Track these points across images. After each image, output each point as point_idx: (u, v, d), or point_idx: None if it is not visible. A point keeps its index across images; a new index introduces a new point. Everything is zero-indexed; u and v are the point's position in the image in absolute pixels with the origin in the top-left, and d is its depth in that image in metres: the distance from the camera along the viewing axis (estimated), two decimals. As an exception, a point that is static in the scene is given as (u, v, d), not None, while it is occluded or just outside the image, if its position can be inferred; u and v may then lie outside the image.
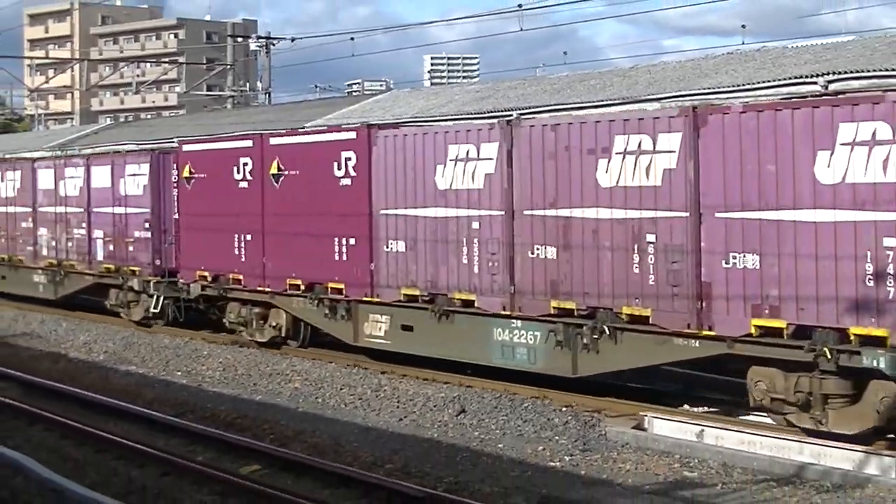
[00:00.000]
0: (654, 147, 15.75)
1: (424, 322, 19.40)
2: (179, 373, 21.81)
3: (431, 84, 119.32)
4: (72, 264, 29.79)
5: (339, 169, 20.78)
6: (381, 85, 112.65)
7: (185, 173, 25.08)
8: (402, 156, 19.63)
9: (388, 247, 19.92)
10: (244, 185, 23.20)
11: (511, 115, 19.52)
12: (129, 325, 27.61)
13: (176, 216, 25.88)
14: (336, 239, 20.86)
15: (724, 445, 14.53)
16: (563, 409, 16.84)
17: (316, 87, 61.47)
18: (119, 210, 27.71)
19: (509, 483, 13.12)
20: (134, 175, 27.14)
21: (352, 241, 20.59)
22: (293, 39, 46.49)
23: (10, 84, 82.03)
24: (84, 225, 29.16)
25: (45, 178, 31.14)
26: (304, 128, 24.69)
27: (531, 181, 17.46)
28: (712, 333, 15.15)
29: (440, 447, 15.17)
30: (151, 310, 26.45)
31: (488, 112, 22.09)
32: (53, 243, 30.62)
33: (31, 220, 31.76)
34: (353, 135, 20.82)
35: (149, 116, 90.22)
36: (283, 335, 23.09)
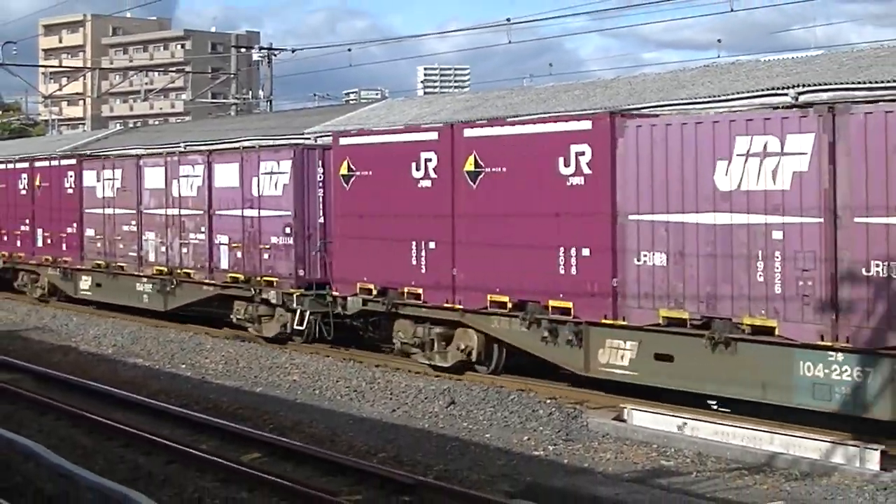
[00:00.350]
0: None
1: (691, 351, 15.40)
2: (184, 365, 21.73)
3: (424, 93, 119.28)
4: (187, 273, 25.41)
5: (567, 166, 16.84)
6: (376, 94, 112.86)
7: (343, 170, 20.93)
8: (663, 149, 15.66)
9: (639, 259, 15.92)
10: (426, 183, 19.22)
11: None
12: (136, 320, 27.27)
13: (321, 220, 22.17)
14: (561, 249, 16.87)
15: (699, 436, 14.41)
16: (548, 401, 16.76)
17: (315, 95, 61.55)
18: (250, 213, 23.39)
19: (496, 471, 13.12)
20: (271, 173, 22.88)
21: (585, 251, 16.62)
22: (294, 50, 46.19)
23: (25, 91, 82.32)
24: (203, 229, 24.81)
25: (153, 177, 26.64)
26: (510, 118, 19.95)
27: (866, 182, 13.44)
28: None
29: (431, 437, 15.16)
30: (293, 326, 22.44)
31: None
32: (163, 249, 26.20)
33: (134, 222, 27.25)
34: (587, 125, 16.76)
35: (157, 122, 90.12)
36: (472, 359, 19.16)
